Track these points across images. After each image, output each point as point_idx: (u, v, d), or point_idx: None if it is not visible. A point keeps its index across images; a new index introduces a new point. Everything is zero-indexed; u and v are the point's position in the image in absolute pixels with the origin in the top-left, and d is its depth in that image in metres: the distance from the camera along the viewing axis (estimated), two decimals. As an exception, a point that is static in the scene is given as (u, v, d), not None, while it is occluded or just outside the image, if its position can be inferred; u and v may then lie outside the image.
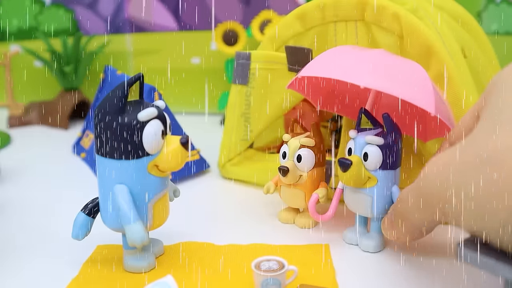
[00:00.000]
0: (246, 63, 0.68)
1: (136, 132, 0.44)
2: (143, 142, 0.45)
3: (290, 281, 0.46)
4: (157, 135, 0.45)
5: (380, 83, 0.48)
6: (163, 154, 0.45)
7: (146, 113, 0.45)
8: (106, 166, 0.45)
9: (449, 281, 0.48)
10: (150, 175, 0.46)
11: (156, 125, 0.45)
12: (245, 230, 0.58)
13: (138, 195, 0.46)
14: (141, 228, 0.45)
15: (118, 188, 0.45)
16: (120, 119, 0.44)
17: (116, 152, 0.45)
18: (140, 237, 0.45)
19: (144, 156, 0.45)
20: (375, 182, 0.51)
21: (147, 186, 0.46)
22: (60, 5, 1.06)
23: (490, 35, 0.74)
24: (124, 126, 0.44)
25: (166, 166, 0.46)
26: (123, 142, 0.44)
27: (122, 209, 0.45)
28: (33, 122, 0.99)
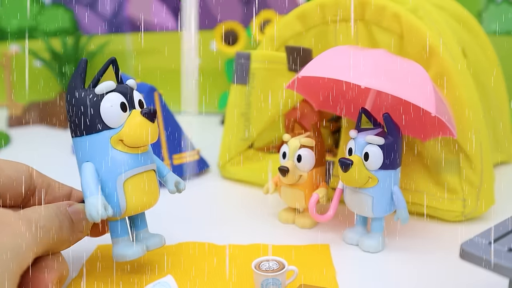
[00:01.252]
0: (246, 63, 0.68)
1: (93, 105, 0.44)
2: (101, 114, 0.44)
3: (290, 281, 0.46)
4: (114, 106, 0.44)
5: (380, 83, 0.48)
6: (125, 127, 0.44)
7: (103, 85, 0.44)
8: (75, 147, 0.45)
9: (449, 281, 0.48)
10: (116, 150, 0.45)
11: (114, 97, 0.44)
12: (245, 230, 0.58)
13: (106, 172, 0.44)
14: (98, 201, 0.43)
15: (83, 166, 0.45)
16: (77, 93, 0.44)
17: (79, 129, 0.44)
18: (96, 210, 0.43)
19: (104, 130, 0.44)
20: (376, 182, 0.51)
21: (114, 162, 0.44)
22: (60, 5, 1.06)
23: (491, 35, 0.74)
24: (82, 100, 0.44)
25: (130, 140, 0.45)
26: (82, 117, 0.44)
27: (82, 185, 0.44)
28: (33, 122, 1.00)
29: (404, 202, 0.52)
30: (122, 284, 0.47)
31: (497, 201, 0.59)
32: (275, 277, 0.44)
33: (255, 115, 0.69)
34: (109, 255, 0.52)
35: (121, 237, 0.46)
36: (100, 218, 0.43)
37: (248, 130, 0.69)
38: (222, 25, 0.96)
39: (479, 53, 0.67)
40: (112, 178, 0.44)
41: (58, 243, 0.43)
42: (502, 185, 0.64)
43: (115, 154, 0.45)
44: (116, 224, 0.46)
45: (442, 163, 0.58)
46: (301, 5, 0.63)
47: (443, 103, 0.51)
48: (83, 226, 0.45)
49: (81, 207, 0.45)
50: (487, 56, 0.69)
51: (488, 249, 0.38)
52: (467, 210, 0.57)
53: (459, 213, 0.58)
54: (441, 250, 0.53)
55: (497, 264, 0.37)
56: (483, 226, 0.45)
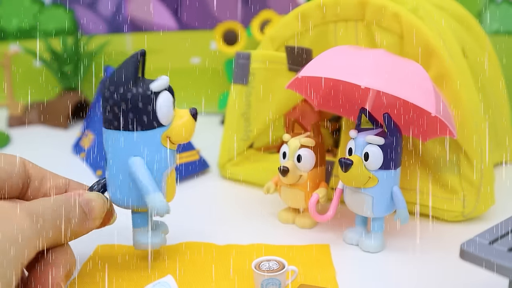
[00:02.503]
0: (246, 63, 0.68)
1: (151, 102, 0.44)
2: (157, 112, 0.45)
3: (290, 281, 0.46)
4: (170, 105, 0.45)
5: (380, 83, 0.48)
6: (176, 125, 0.46)
7: (158, 83, 0.45)
8: (119, 140, 0.45)
9: (449, 281, 0.48)
10: (163, 147, 0.46)
11: (168, 96, 0.45)
12: (245, 230, 0.58)
13: (154, 168, 0.46)
14: (163, 198, 0.45)
15: (134, 160, 0.45)
16: (135, 89, 0.44)
17: (132, 124, 0.45)
18: (164, 205, 0.45)
19: (158, 127, 0.45)
20: (376, 182, 0.51)
21: (161, 158, 0.46)
22: (60, 5, 1.06)
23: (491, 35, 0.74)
24: (139, 96, 0.44)
25: (178, 137, 0.46)
26: (138, 113, 0.44)
27: (142, 181, 0.45)
28: (33, 122, 0.99)
29: (404, 202, 0.52)
30: (122, 284, 0.47)
31: (497, 201, 0.59)
32: (275, 277, 0.44)
33: (255, 115, 0.69)
34: (109, 255, 0.52)
35: (143, 227, 0.48)
36: (165, 214, 0.45)
37: (248, 130, 0.69)
38: (222, 25, 0.96)
39: (479, 53, 0.67)
40: (160, 173, 0.46)
41: (68, 234, 0.43)
42: (502, 185, 0.64)
43: (163, 150, 0.46)
44: (140, 215, 0.48)
45: (442, 163, 0.58)
46: (301, 5, 0.63)
47: (443, 103, 0.51)
48: (96, 215, 0.45)
49: (92, 196, 0.45)
50: (487, 56, 0.69)
51: (488, 249, 0.38)
52: (467, 210, 0.57)
53: (459, 213, 0.58)
54: (441, 250, 0.53)
55: (497, 264, 0.37)
56: (483, 226, 0.44)
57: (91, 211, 0.45)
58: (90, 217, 0.45)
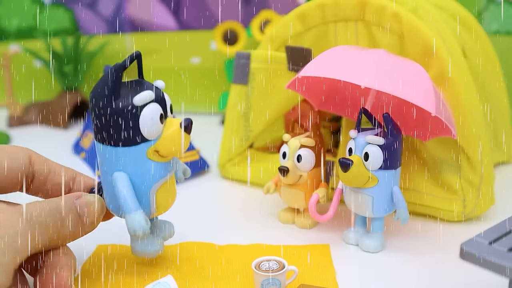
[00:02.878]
0: (246, 63, 0.68)
1: (132, 117, 0.42)
2: (140, 127, 0.42)
3: (290, 281, 0.46)
4: (154, 119, 0.42)
5: (380, 83, 0.48)
6: (163, 139, 0.43)
7: (141, 97, 0.42)
8: (105, 153, 0.43)
9: (449, 281, 0.48)
10: (151, 161, 0.43)
11: (153, 109, 0.42)
12: (245, 230, 0.58)
13: (139, 182, 0.43)
14: (141, 217, 0.43)
15: (116, 175, 0.43)
16: (115, 104, 0.41)
17: (113, 139, 0.42)
18: (140, 226, 0.43)
19: (142, 142, 0.43)
20: (376, 182, 0.51)
21: (148, 172, 0.43)
22: (60, 5, 1.06)
23: (491, 35, 0.74)
24: (119, 112, 0.41)
25: (166, 151, 0.43)
26: (119, 129, 0.42)
27: (121, 198, 0.43)
28: (33, 122, 0.99)
29: (404, 202, 0.52)
30: (122, 284, 0.47)
31: (497, 201, 0.59)
32: (275, 277, 0.44)
33: (255, 115, 0.69)
34: (109, 255, 0.52)
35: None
36: (142, 234, 0.43)
37: (248, 130, 0.69)
38: (222, 25, 0.96)
39: (479, 53, 0.67)
40: (146, 187, 0.44)
41: (63, 237, 0.43)
42: (502, 185, 0.64)
43: (149, 164, 0.43)
44: None
45: (442, 163, 0.58)
46: (301, 5, 0.63)
47: (443, 103, 0.51)
48: (91, 219, 0.44)
49: (89, 198, 0.45)
50: (487, 56, 0.69)
51: (488, 249, 0.38)
52: (467, 210, 0.57)
53: (459, 213, 0.58)
54: (441, 250, 0.53)
55: (497, 264, 0.37)
56: (483, 226, 0.44)
57: (86, 215, 0.44)
58: (86, 220, 0.44)
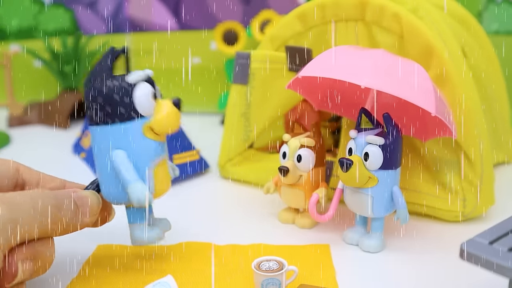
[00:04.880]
0: (246, 63, 0.68)
1: (127, 93, 0.45)
2: (136, 103, 0.45)
3: (290, 281, 0.46)
4: (147, 95, 0.45)
5: (380, 83, 0.48)
6: (158, 116, 0.46)
7: (134, 75, 0.45)
8: (101, 135, 0.46)
9: (449, 281, 0.48)
10: (147, 138, 0.46)
11: (146, 87, 0.45)
12: (245, 230, 0.58)
13: (138, 159, 0.46)
14: (143, 185, 0.45)
15: (115, 153, 0.45)
16: (110, 82, 0.45)
17: (110, 117, 0.45)
18: (144, 194, 0.44)
19: (138, 118, 0.45)
20: (376, 182, 0.51)
21: (145, 149, 0.46)
22: (60, 5, 1.06)
23: (491, 34, 0.74)
24: (115, 89, 0.45)
25: (161, 128, 0.46)
26: (115, 105, 0.45)
27: (121, 172, 0.45)
28: (33, 122, 0.99)
29: (404, 202, 0.52)
30: (122, 284, 0.47)
31: (497, 201, 0.59)
32: (275, 277, 0.44)
33: (255, 115, 0.69)
34: (110, 255, 0.52)
35: (139, 223, 0.48)
36: (147, 202, 0.44)
37: (248, 130, 0.69)
38: (222, 25, 0.96)
39: (479, 53, 0.67)
40: (144, 165, 0.46)
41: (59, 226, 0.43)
42: (502, 185, 0.64)
43: (146, 141, 0.46)
44: (133, 211, 0.48)
45: (442, 163, 0.58)
46: (301, 5, 0.63)
47: (443, 103, 0.51)
48: (89, 211, 0.45)
49: (86, 193, 0.46)
50: (487, 56, 0.69)
51: (488, 249, 0.38)
52: (467, 210, 0.57)
53: (459, 213, 0.58)
54: (441, 250, 0.53)
55: (497, 264, 0.37)
56: (483, 226, 0.44)
57: (84, 206, 0.45)
58: (83, 213, 0.45)
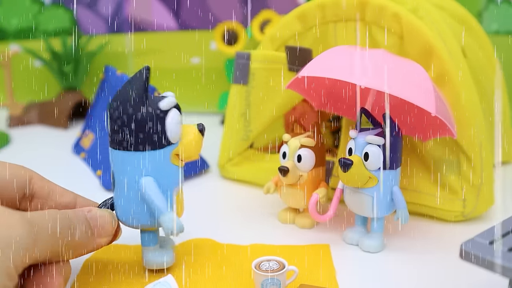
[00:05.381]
0: (246, 63, 0.68)
1: (161, 121, 0.44)
2: (167, 130, 0.45)
3: (290, 281, 0.46)
4: (179, 123, 0.45)
5: (380, 83, 0.48)
6: (185, 142, 0.46)
7: (167, 102, 0.45)
8: (129, 160, 0.45)
9: (449, 281, 0.48)
10: (173, 165, 0.46)
11: (177, 114, 0.45)
12: (245, 230, 0.58)
13: (164, 186, 0.46)
14: (175, 216, 0.45)
15: (145, 180, 0.45)
16: (145, 109, 0.44)
17: (142, 144, 0.44)
18: (179, 225, 0.45)
19: (167, 146, 0.45)
20: (376, 182, 0.51)
21: (171, 176, 0.46)
22: (59, 5, 1.06)
23: (491, 35, 0.74)
24: (149, 116, 0.44)
25: (187, 154, 0.46)
26: (148, 133, 0.44)
27: (155, 201, 0.44)
28: (33, 122, 0.99)
29: (404, 202, 0.52)
30: (122, 284, 0.47)
31: (497, 201, 0.59)
32: (275, 277, 0.44)
33: (255, 115, 0.69)
34: (110, 255, 0.52)
35: (153, 246, 0.48)
36: (180, 232, 0.45)
37: (248, 130, 0.69)
38: (222, 25, 0.96)
39: (479, 53, 0.67)
40: (170, 191, 0.46)
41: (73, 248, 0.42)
42: (502, 185, 0.64)
43: (172, 168, 0.46)
44: (148, 234, 0.48)
45: (442, 163, 0.58)
46: (301, 5, 0.63)
47: (443, 103, 0.51)
48: (104, 233, 0.45)
49: (101, 213, 0.45)
50: (487, 56, 0.69)
51: (488, 249, 0.38)
52: (467, 210, 0.57)
53: (459, 213, 0.58)
54: (441, 250, 0.53)
55: (497, 264, 0.37)
56: (483, 226, 0.45)
57: (98, 227, 0.45)
58: (97, 234, 0.44)
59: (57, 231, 0.41)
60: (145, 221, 0.46)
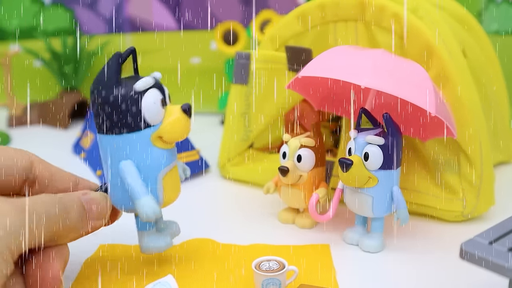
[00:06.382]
0: (246, 63, 0.68)
1: (135, 102, 0.43)
2: (143, 112, 0.44)
3: (290, 281, 0.46)
4: (156, 103, 0.44)
5: (380, 83, 0.48)
6: (166, 124, 0.44)
7: (142, 82, 0.44)
8: (109, 143, 0.44)
9: (449, 281, 0.48)
10: (155, 147, 0.45)
11: (154, 94, 0.44)
12: (245, 230, 0.58)
13: (146, 169, 0.45)
14: (151, 201, 0.44)
15: (123, 164, 0.44)
16: (116, 91, 0.43)
17: (117, 127, 0.44)
18: (152, 210, 0.44)
19: (146, 128, 0.44)
20: (376, 182, 0.51)
21: (154, 159, 0.45)
22: (60, 5, 1.06)
23: (490, 35, 0.74)
24: (122, 98, 0.43)
25: (170, 136, 0.45)
26: (122, 115, 0.43)
27: (130, 185, 0.44)
28: (33, 122, 0.99)
29: (404, 202, 0.52)
30: (123, 284, 0.47)
31: (497, 201, 0.59)
32: (275, 277, 0.44)
33: (255, 115, 0.69)
34: (111, 254, 0.52)
35: (148, 230, 0.47)
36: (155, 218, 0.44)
37: (248, 130, 0.69)
38: (222, 25, 0.96)
39: (479, 53, 0.67)
40: (153, 175, 0.45)
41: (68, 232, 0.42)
42: (502, 185, 0.64)
43: (155, 151, 0.45)
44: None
45: (442, 163, 0.58)
46: (301, 5, 0.63)
47: (443, 103, 0.51)
48: (98, 215, 0.45)
49: (96, 195, 0.45)
50: (487, 56, 0.69)
51: (488, 249, 0.38)
52: (467, 210, 0.57)
53: (459, 213, 0.58)
54: (441, 250, 0.53)
55: (497, 264, 0.37)
56: (483, 226, 0.45)
57: (93, 210, 0.44)
58: (92, 216, 0.44)
59: (51, 215, 0.41)
60: (130, 205, 0.46)
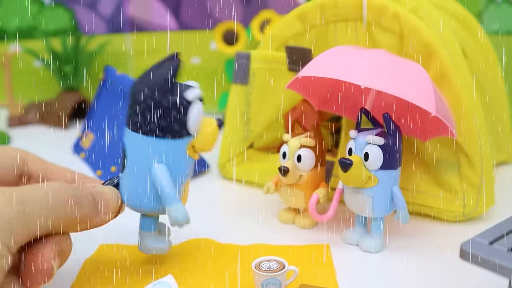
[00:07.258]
0: (246, 63, 0.68)
1: (185, 111, 0.44)
2: (188, 121, 0.44)
3: (290, 281, 0.46)
4: (200, 114, 0.45)
5: (381, 83, 0.48)
6: (204, 134, 0.45)
7: (193, 93, 0.45)
8: (145, 144, 0.44)
9: (449, 281, 0.48)
10: (187, 156, 0.46)
11: (200, 107, 0.45)
12: (245, 230, 0.58)
13: (176, 176, 0.45)
14: (183, 207, 0.45)
15: (157, 167, 0.44)
16: (173, 98, 0.44)
17: (161, 131, 0.44)
18: (184, 216, 0.45)
19: (186, 136, 0.45)
20: (376, 182, 0.51)
21: (184, 166, 0.46)
22: (60, 5, 1.06)
23: (491, 35, 0.74)
24: (176, 105, 0.44)
25: (203, 146, 0.46)
26: (171, 121, 0.44)
27: (165, 189, 0.44)
28: (33, 122, 0.99)
29: (404, 202, 0.52)
30: (123, 283, 0.47)
31: (497, 201, 0.59)
32: (275, 277, 0.44)
33: (255, 115, 0.69)
34: (111, 254, 0.52)
35: (152, 231, 0.48)
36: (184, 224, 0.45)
37: (248, 130, 0.69)
38: (222, 25, 0.96)
39: (479, 53, 0.67)
40: (180, 182, 0.46)
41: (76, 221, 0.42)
42: (502, 185, 0.64)
43: (186, 159, 0.46)
44: (149, 220, 0.48)
45: (442, 163, 0.58)
46: (301, 5, 0.63)
47: (443, 103, 0.51)
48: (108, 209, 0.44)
49: (105, 189, 0.45)
50: (487, 56, 0.69)
51: (488, 249, 0.38)
52: (467, 210, 0.57)
53: (459, 213, 0.58)
54: (441, 250, 0.53)
55: (497, 264, 0.37)
56: (483, 226, 0.44)
57: (103, 203, 0.44)
58: (102, 210, 0.44)
59: (59, 204, 0.40)
60: (150, 206, 0.46)
